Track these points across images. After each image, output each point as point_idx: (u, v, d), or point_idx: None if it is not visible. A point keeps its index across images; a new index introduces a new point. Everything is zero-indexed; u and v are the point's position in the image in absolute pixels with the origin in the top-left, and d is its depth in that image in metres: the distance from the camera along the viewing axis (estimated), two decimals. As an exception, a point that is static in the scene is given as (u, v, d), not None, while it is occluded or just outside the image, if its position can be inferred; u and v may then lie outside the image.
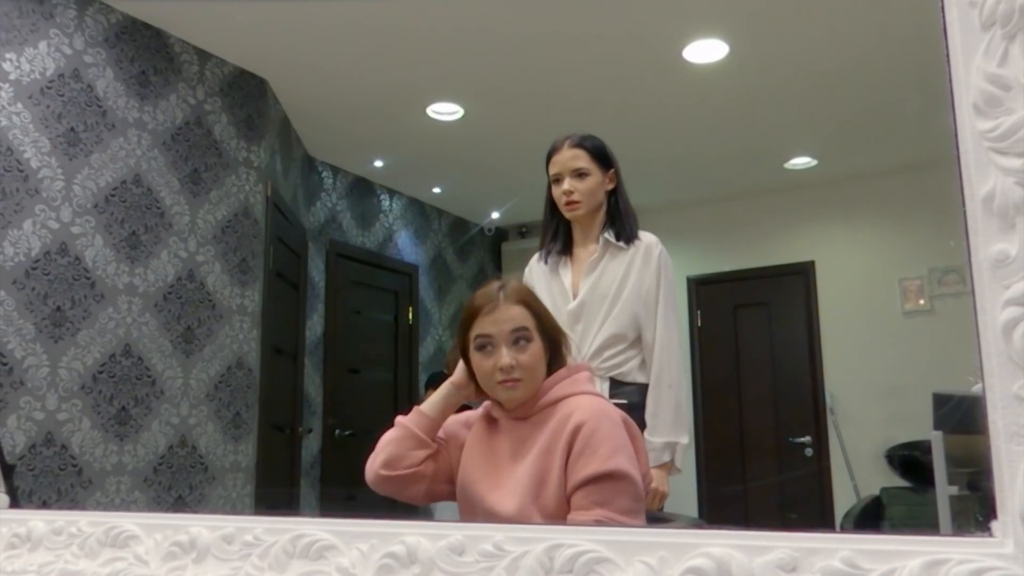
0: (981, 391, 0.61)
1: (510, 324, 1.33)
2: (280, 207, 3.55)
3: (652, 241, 1.99)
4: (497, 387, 1.33)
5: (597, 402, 1.33)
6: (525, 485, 1.26)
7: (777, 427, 4.72)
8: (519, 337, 1.32)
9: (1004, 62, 0.63)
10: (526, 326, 1.33)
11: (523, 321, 1.33)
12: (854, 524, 3.77)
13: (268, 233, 3.35)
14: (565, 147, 1.98)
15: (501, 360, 1.31)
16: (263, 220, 3.34)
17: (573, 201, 1.95)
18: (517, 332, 1.32)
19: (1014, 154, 0.61)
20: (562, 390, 1.33)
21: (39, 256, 2.58)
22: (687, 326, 5.01)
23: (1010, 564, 0.58)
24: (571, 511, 1.22)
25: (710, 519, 4.71)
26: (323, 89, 3.62)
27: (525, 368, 1.31)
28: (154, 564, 0.96)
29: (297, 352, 3.94)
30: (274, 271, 3.44)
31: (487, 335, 1.33)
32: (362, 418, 4.47)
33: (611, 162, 2.00)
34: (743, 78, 3.46)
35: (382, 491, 1.38)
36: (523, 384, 1.32)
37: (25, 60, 2.60)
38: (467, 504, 1.35)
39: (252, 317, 3.23)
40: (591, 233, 2.00)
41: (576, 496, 1.22)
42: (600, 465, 1.21)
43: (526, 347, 1.32)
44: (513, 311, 1.34)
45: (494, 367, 1.32)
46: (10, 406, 2.47)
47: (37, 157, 2.60)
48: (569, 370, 1.37)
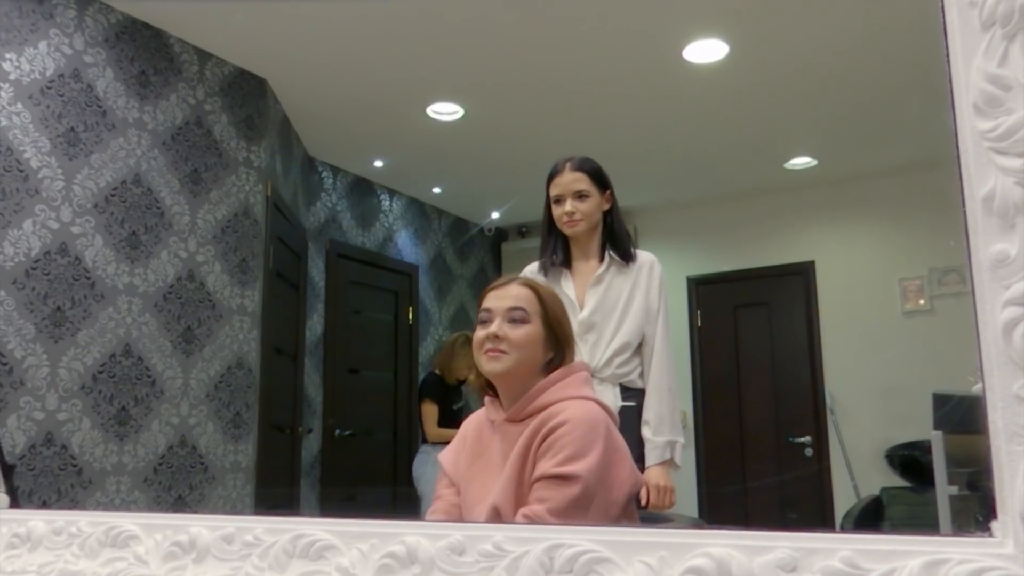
0: (981, 391, 0.61)
1: (510, 301, 1.36)
2: (280, 207, 3.55)
3: (652, 259, 2.16)
4: (482, 357, 1.35)
5: (584, 406, 1.31)
6: (505, 486, 1.26)
7: (777, 427, 4.72)
8: (515, 316, 1.35)
9: (1004, 62, 0.63)
10: (524, 307, 1.35)
11: (524, 302, 1.36)
12: (854, 524, 3.77)
13: (268, 233, 3.35)
14: (567, 170, 2.11)
15: (490, 328, 1.33)
16: (263, 220, 3.34)
17: (575, 220, 2.08)
18: (514, 310, 1.35)
19: (1014, 154, 0.61)
20: (555, 394, 1.33)
21: (39, 256, 2.58)
22: (687, 326, 5.01)
23: (1010, 564, 0.58)
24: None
25: (710, 519, 4.71)
26: (323, 89, 3.62)
27: (513, 343, 1.33)
28: (154, 564, 0.96)
29: (297, 352, 3.94)
30: (274, 271, 3.44)
31: (488, 309, 1.37)
32: (362, 418, 4.47)
33: (608, 184, 2.15)
34: (743, 78, 3.46)
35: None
36: (506, 359, 1.32)
37: (25, 60, 2.60)
38: (465, 505, 1.35)
39: (252, 317, 3.23)
40: (590, 249, 2.14)
41: (530, 492, 1.23)
42: (555, 466, 1.22)
43: (520, 326, 1.34)
44: (516, 290, 1.37)
45: (485, 337, 1.34)
46: (10, 406, 2.47)
47: (37, 157, 2.60)
48: (566, 371, 1.37)
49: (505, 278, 1.42)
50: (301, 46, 3.20)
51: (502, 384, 1.37)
